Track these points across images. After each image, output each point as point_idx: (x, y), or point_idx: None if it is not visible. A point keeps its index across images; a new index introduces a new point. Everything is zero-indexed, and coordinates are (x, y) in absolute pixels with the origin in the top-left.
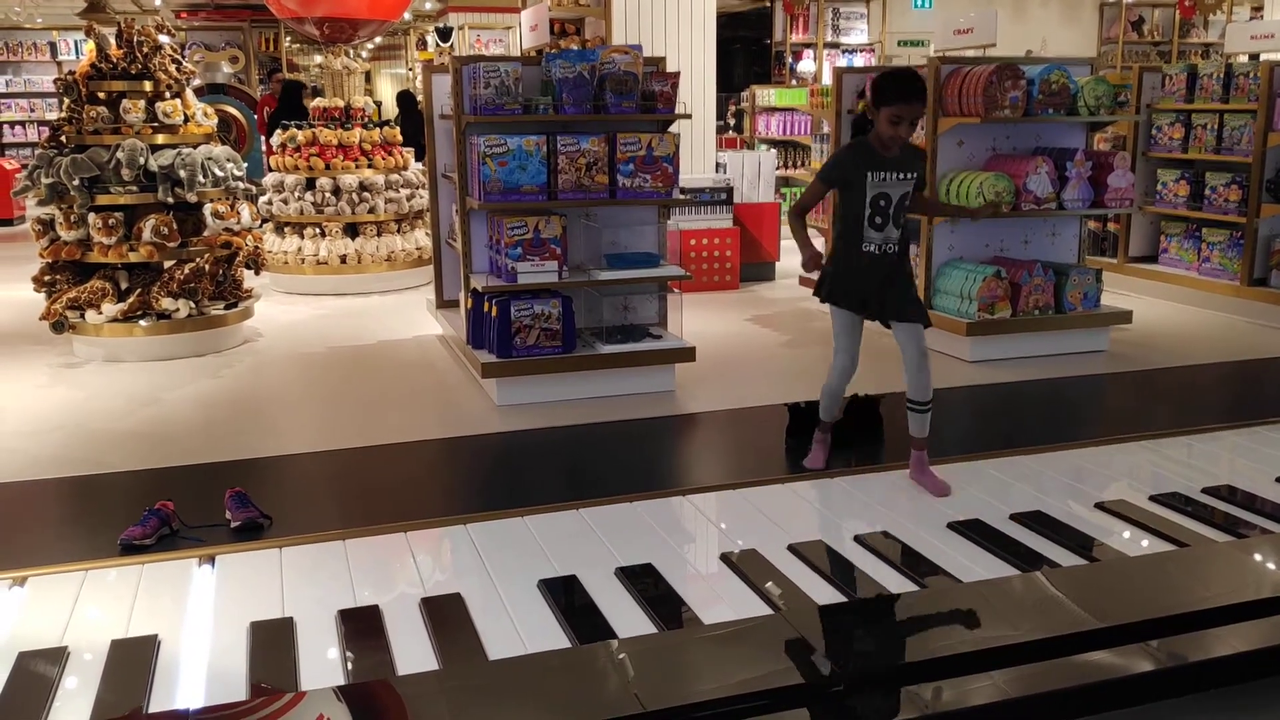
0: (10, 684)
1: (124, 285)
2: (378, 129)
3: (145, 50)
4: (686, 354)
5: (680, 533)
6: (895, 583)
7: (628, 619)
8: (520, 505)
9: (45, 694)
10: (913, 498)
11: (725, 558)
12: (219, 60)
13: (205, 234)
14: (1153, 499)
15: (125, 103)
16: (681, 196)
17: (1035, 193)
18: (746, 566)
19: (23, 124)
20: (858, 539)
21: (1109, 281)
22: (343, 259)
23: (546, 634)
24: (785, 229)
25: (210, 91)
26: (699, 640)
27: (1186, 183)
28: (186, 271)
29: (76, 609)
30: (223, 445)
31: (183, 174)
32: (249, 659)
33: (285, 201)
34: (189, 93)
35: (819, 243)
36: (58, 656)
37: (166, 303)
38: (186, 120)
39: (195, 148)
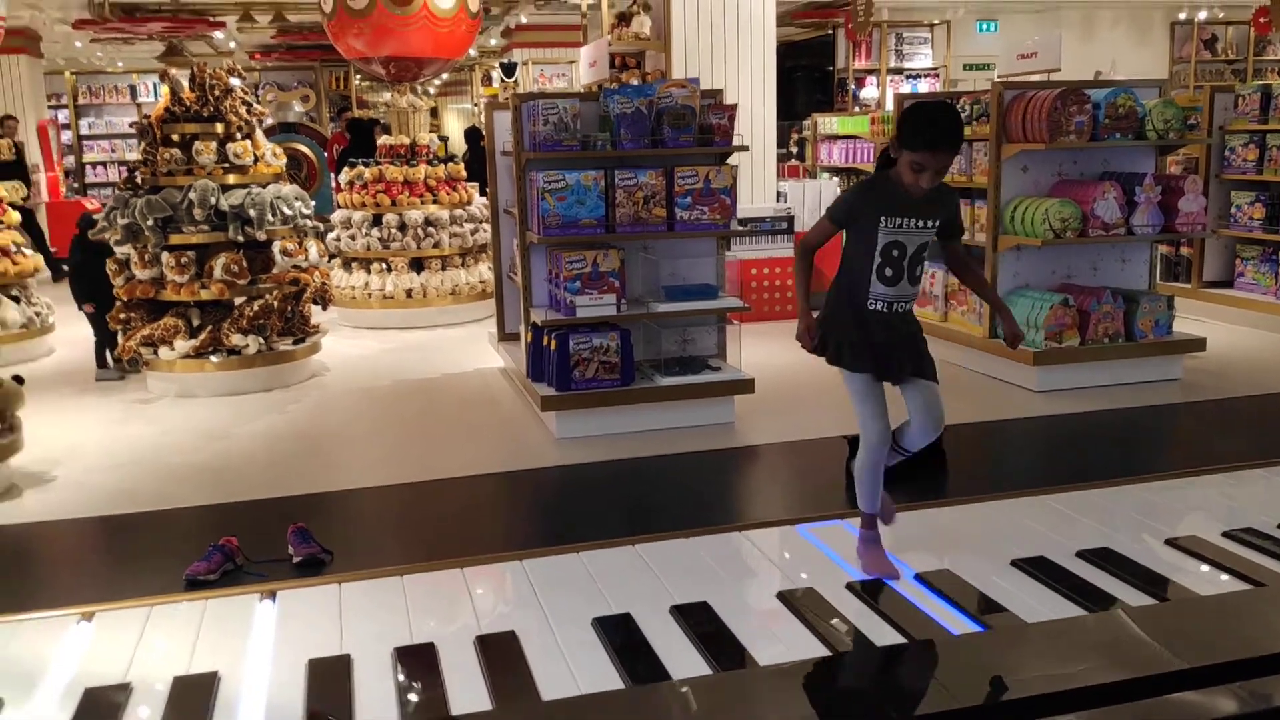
0: None
1: (196, 322)
2: (442, 165)
3: (217, 93)
4: (745, 386)
5: (737, 570)
6: (958, 623)
7: (682, 659)
8: (577, 540)
9: None
10: (976, 533)
11: (783, 596)
12: (290, 100)
13: (274, 271)
14: (1226, 535)
15: (197, 144)
16: (739, 227)
17: (1103, 218)
18: (805, 605)
19: (104, 164)
20: (919, 577)
21: (1182, 307)
22: (408, 293)
23: (600, 673)
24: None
25: (282, 130)
26: (753, 681)
27: (1262, 205)
28: (256, 308)
29: (141, 644)
30: (287, 480)
31: (252, 213)
32: (305, 696)
33: (353, 237)
34: (259, 133)
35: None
36: (122, 693)
37: (236, 339)
38: (256, 160)
39: (264, 187)
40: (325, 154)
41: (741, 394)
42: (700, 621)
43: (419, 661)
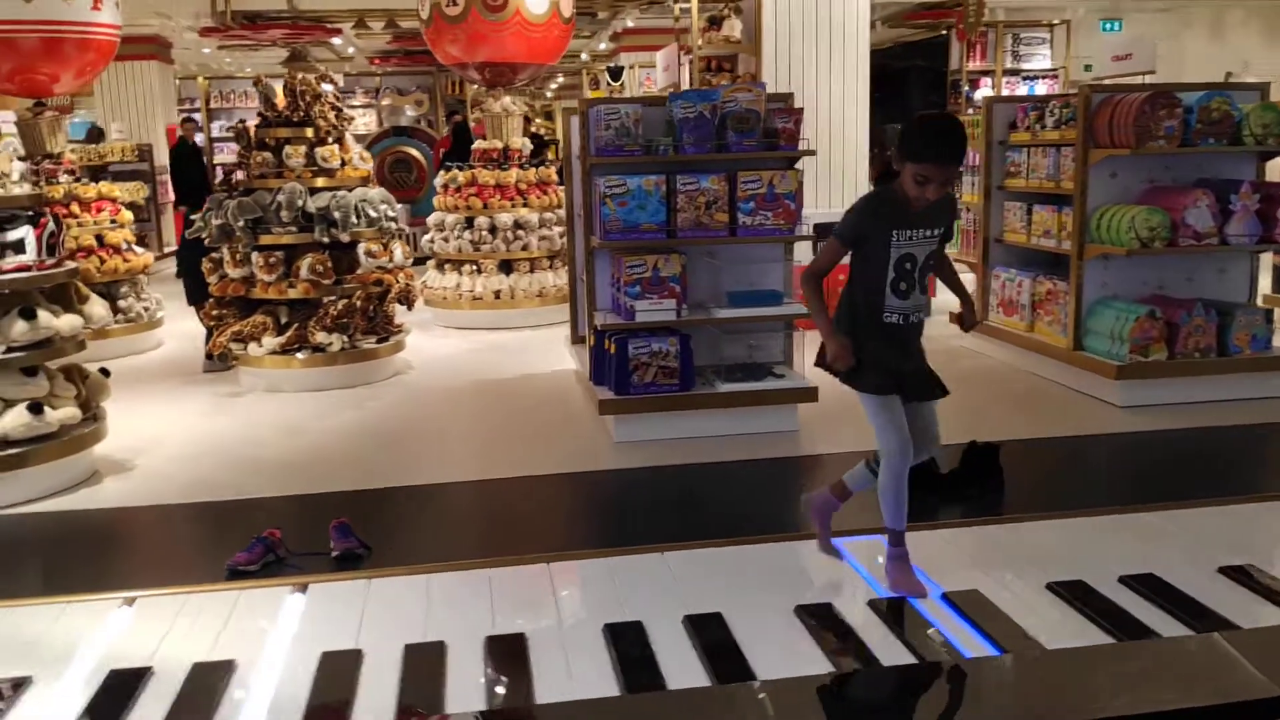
0: (93, 700)
1: (284, 320)
2: (534, 169)
3: (307, 99)
4: (808, 394)
5: (765, 581)
6: (975, 646)
7: (685, 670)
8: (613, 545)
9: (121, 712)
10: (1021, 553)
11: (800, 610)
12: (403, 104)
13: (359, 272)
14: None
15: (287, 149)
16: (805, 233)
17: (1194, 227)
18: (819, 621)
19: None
20: (946, 597)
21: None
22: (496, 294)
23: (600, 679)
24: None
25: (394, 134)
26: (736, 697)
27: None
28: (340, 307)
29: (173, 630)
30: (352, 475)
31: (337, 215)
32: (312, 688)
33: (446, 239)
34: (348, 138)
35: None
36: (143, 675)
37: (321, 337)
38: (343, 164)
39: (351, 190)
40: (434, 157)
41: (804, 402)
42: (708, 632)
43: (428, 660)
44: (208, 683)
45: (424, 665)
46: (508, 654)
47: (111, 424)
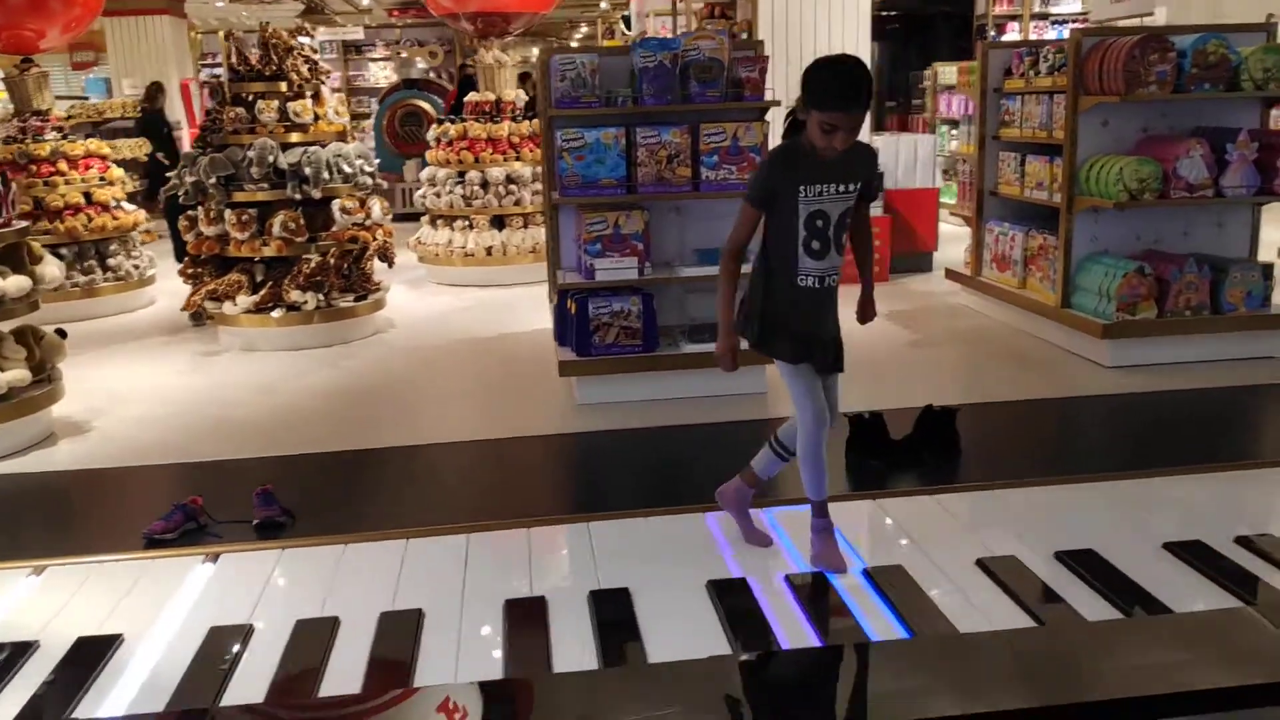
0: None
1: (259, 278)
2: (526, 121)
3: (279, 52)
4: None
5: (680, 552)
6: (885, 627)
7: (571, 649)
8: (564, 511)
9: None
10: (954, 526)
11: (711, 585)
12: (415, 56)
13: (334, 229)
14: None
15: (260, 103)
16: None
17: (1187, 178)
18: (725, 598)
19: None
20: (867, 572)
21: None
22: (489, 250)
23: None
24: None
25: (405, 87)
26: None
27: None
28: (314, 265)
29: (71, 602)
30: (312, 437)
31: (308, 171)
32: (191, 662)
33: (438, 195)
34: (325, 91)
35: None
36: (27, 649)
37: (295, 295)
38: (317, 119)
39: (324, 146)
40: (444, 109)
41: (772, 363)
42: (609, 609)
43: (316, 636)
44: (89, 657)
45: (313, 639)
46: (403, 632)
47: (81, 383)
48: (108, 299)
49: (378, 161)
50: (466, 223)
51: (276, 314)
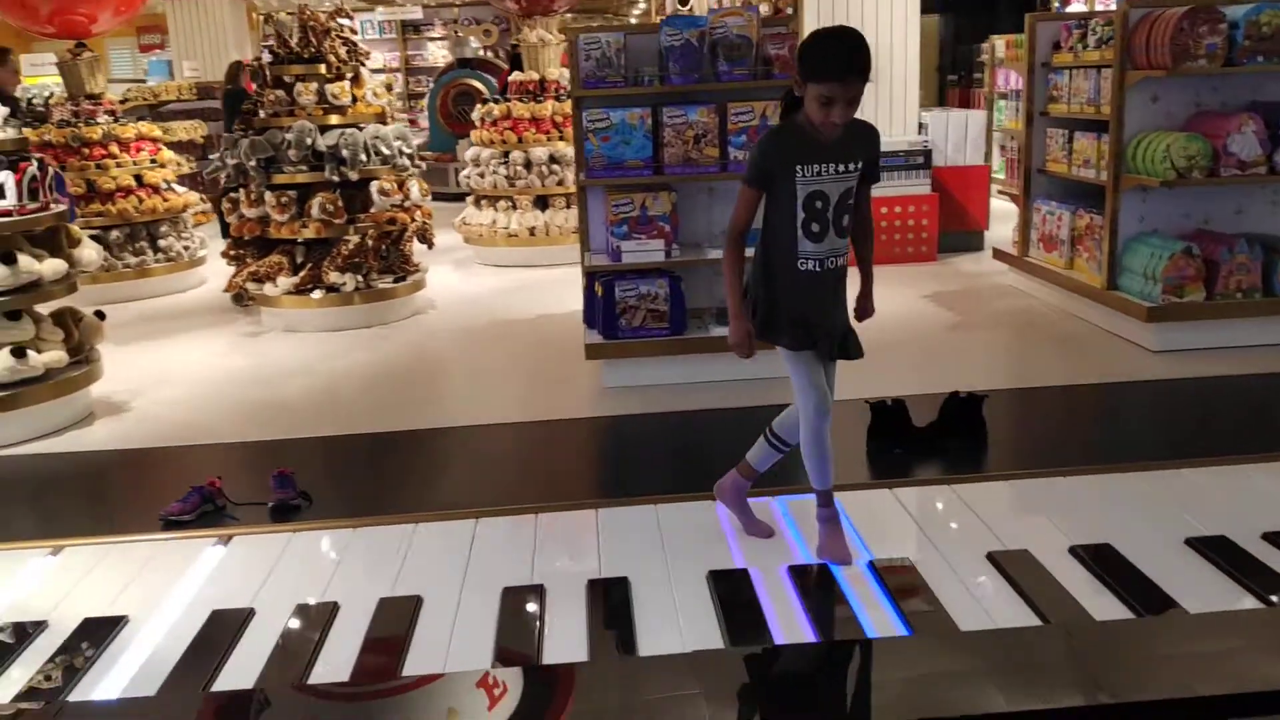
0: None
1: (299, 259)
2: (570, 101)
3: (318, 35)
4: None
5: (681, 542)
6: (885, 623)
7: (562, 637)
8: (587, 496)
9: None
10: (968, 517)
11: (711, 576)
12: (469, 35)
13: (372, 210)
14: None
15: (298, 86)
16: None
17: (1238, 155)
18: (723, 589)
19: None
20: (873, 565)
21: None
22: (531, 231)
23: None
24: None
25: (459, 66)
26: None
27: None
28: (351, 247)
29: (85, 581)
30: (338, 420)
31: (345, 153)
32: (190, 643)
33: (482, 175)
34: (365, 73)
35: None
36: (36, 629)
37: (334, 276)
38: (355, 101)
39: (362, 128)
40: (497, 88)
41: None
42: (605, 598)
43: (317, 619)
44: (92, 638)
45: (310, 624)
46: (399, 618)
47: (123, 364)
48: (159, 279)
49: (418, 141)
50: (510, 203)
51: (316, 295)
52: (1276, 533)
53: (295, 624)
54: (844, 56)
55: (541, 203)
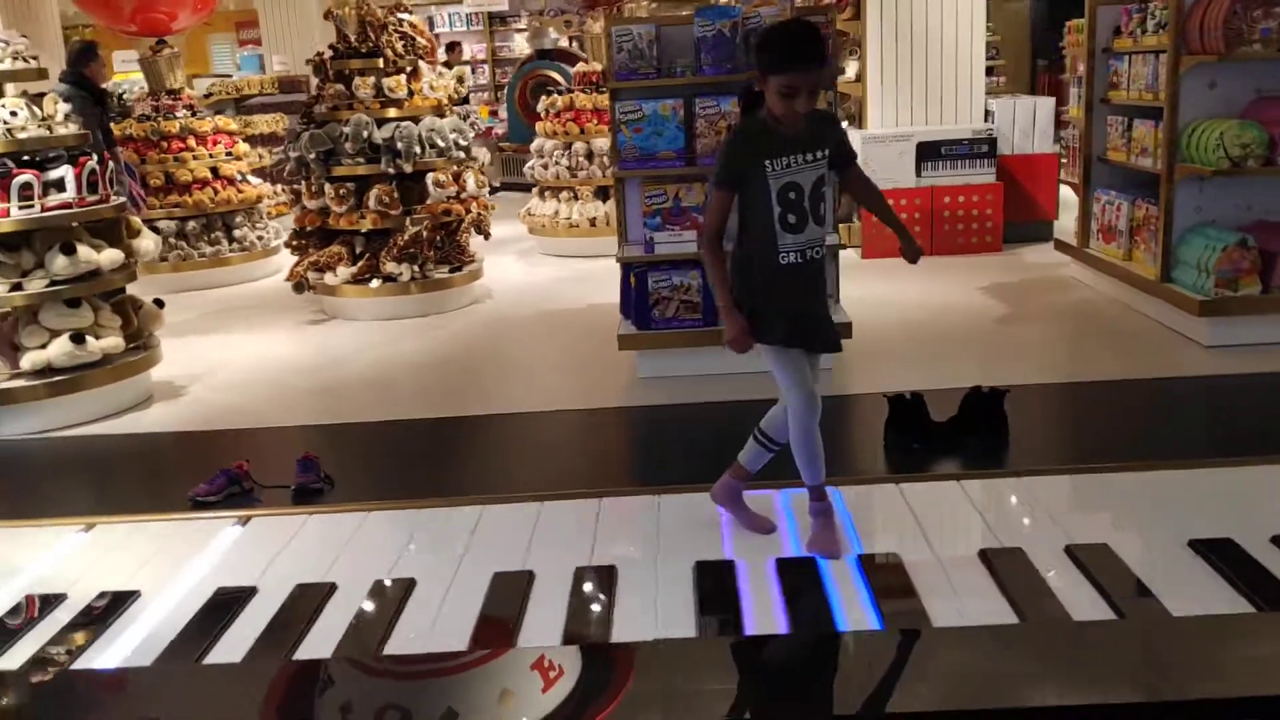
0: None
1: (359, 250)
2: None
3: (374, 29)
4: (841, 330)
5: (668, 533)
6: (859, 618)
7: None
8: (558, 489)
9: (17, 630)
10: (964, 515)
11: (698, 567)
12: (548, 25)
13: (428, 202)
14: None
15: (356, 80)
16: None
17: None
18: (704, 581)
19: None
20: (861, 560)
21: None
22: (592, 222)
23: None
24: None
25: (538, 57)
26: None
27: None
28: (406, 238)
29: (108, 558)
30: (381, 407)
31: (400, 146)
32: (189, 621)
33: (545, 166)
34: (423, 66)
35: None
36: (55, 601)
37: (391, 267)
38: (411, 94)
39: (418, 121)
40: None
41: (841, 339)
42: (590, 586)
43: (314, 597)
44: (105, 612)
45: (306, 604)
46: (391, 601)
47: (187, 349)
48: (234, 268)
49: (500, 132)
50: (572, 194)
51: (374, 284)
52: None
53: (291, 602)
54: (802, 46)
55: (603, 193)
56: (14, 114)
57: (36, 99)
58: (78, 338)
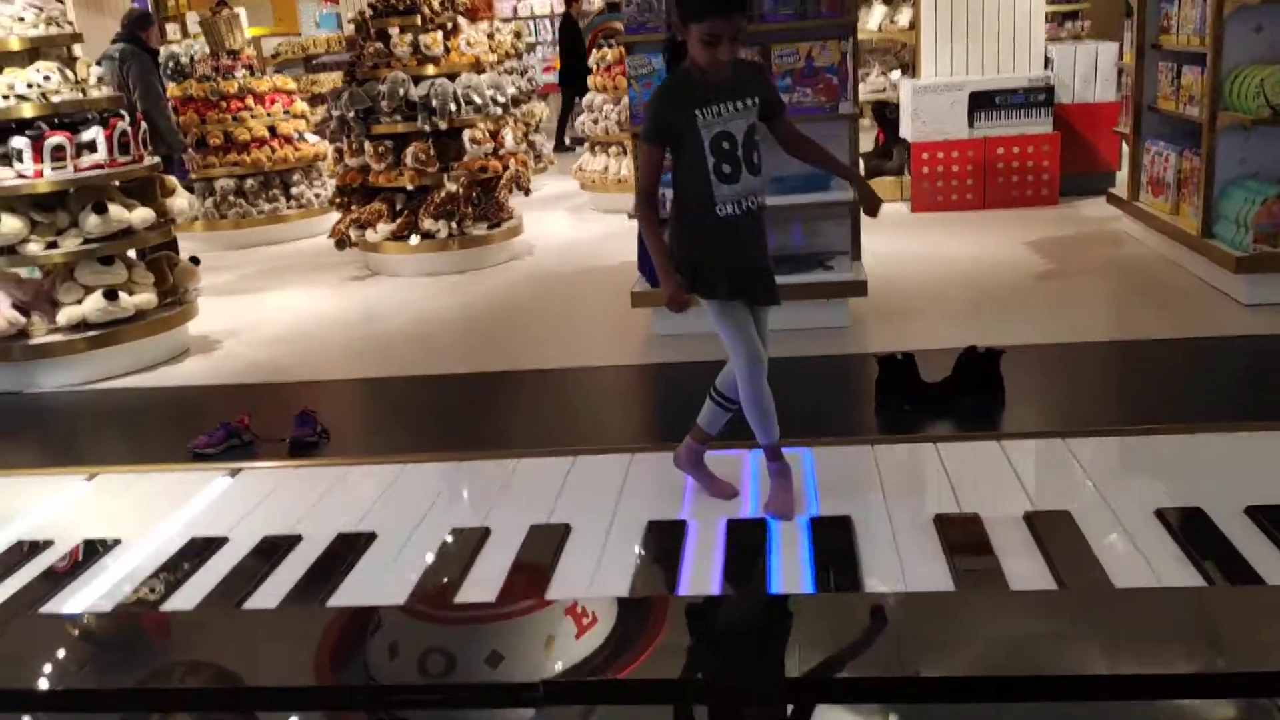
0: None
1: (399, 207)
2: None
3: None
4: (856, 288)
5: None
6: (795, 581)
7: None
8: (527, 445)
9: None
10: (929, 478)
11: (651, 526)
12: None
13: (465, 159)
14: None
15: (394, 37)
16: (848, 110)
17: None
18: (656, 539)
19: None
20: (812, 522)
21: None
22: None
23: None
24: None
25: (608, 10)
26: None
27: None
28: (442, 195)
29: (100, 507)
30: (404, 361)
31: (435, 104)
32: (157, 566)
33: (595, 121)
34: (463, 22)
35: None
36: (41, 548)
37: (428, 223)
38: (448, 51)
39: (453, 78)
40: None
41: (851, 296)
42: (538, 544)
43: (272, 550)
44: (84, 557)
45: (270, 554)
46: (352, 553)
47: (229, 305)
48: (291, 225)
49: (533, 87)
50: (621, 149)
51: (413, 241)
52: (1257, 507)
53: (257, 552)
54: None
55: None
56: (46, 78)
57: (70, 63)
58: (111, 294)
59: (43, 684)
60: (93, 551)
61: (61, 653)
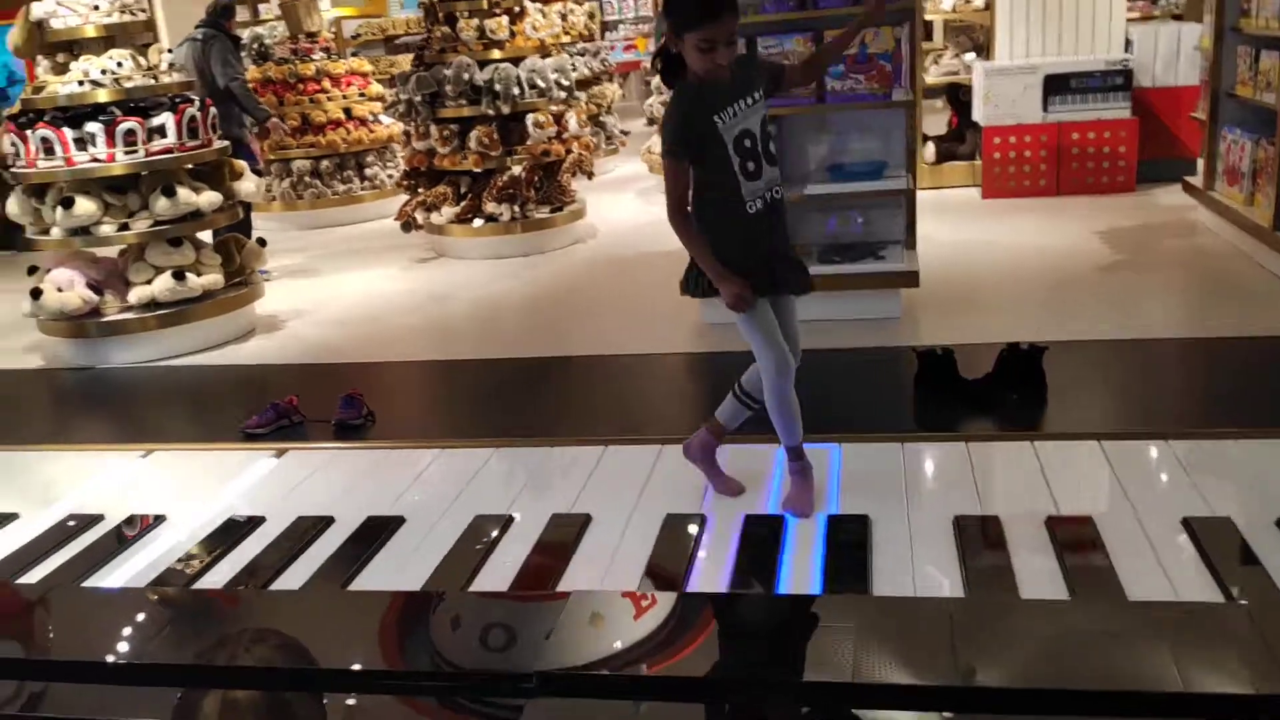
0: (40, 538)
1: (464, 190)
2: None
3: None
4: (908, 279)
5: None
6: (805, 580)
7: (496, 570)
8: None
9: (51, 549)
10: (954, 479)
11: (668, 520)
12: None
13: (528, 143)
14: None
15: (460, 22)
16: (903, 98)
17: None
18: (673, 534)
19: None
20: (830, 520)
21: None
22: None
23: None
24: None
25: None
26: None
27: None
28: (505, 179)
29: (150, 483)
30: (459, 345)
31: (498, 88)
32: (195, 545)
33: (663, 104)
34: (529, 6)
35: None
36: (95, 521)
37: (491, 207)
38: (513, 35)
39: (518, 62)
40: None
41: (902, 287)
42: (556, 534)
43: (306, 531)
44: (128, 534)
45: (303, 534)
46: (378, 535)
47: (295, 286)
48: (365, 206)
49: (606, 68)
50: None
51: (477, 224)
52: None
53: (291, 532)
54: None
55: None
56: (120, 65)
57: (143, 49)
58: (179, 274)
59: (108, 656)
60: (136, 527)
61: (122, 627)
